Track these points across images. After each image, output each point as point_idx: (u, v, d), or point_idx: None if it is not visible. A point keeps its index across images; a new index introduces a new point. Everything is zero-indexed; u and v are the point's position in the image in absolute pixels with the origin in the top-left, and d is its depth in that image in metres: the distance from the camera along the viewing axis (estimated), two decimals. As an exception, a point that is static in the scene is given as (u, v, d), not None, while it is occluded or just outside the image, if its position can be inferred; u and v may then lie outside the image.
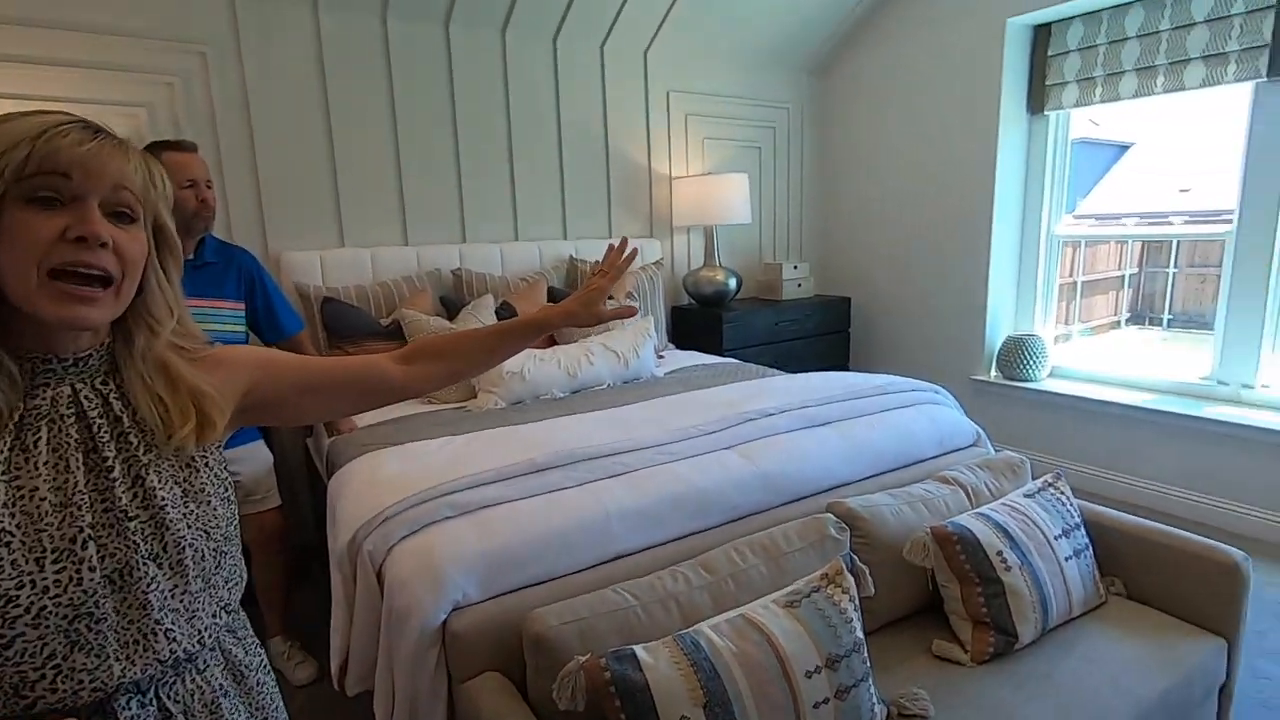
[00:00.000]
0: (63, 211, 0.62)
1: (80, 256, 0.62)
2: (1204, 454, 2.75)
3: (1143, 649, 1.42)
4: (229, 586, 0.75)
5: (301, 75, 2.59)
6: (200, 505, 0.71)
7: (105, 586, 0.65)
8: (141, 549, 0.66)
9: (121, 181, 0.64)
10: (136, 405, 0.69)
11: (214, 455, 0.75)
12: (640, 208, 3.52)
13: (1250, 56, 2.63)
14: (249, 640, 0.82)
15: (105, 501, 0.66)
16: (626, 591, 1.21)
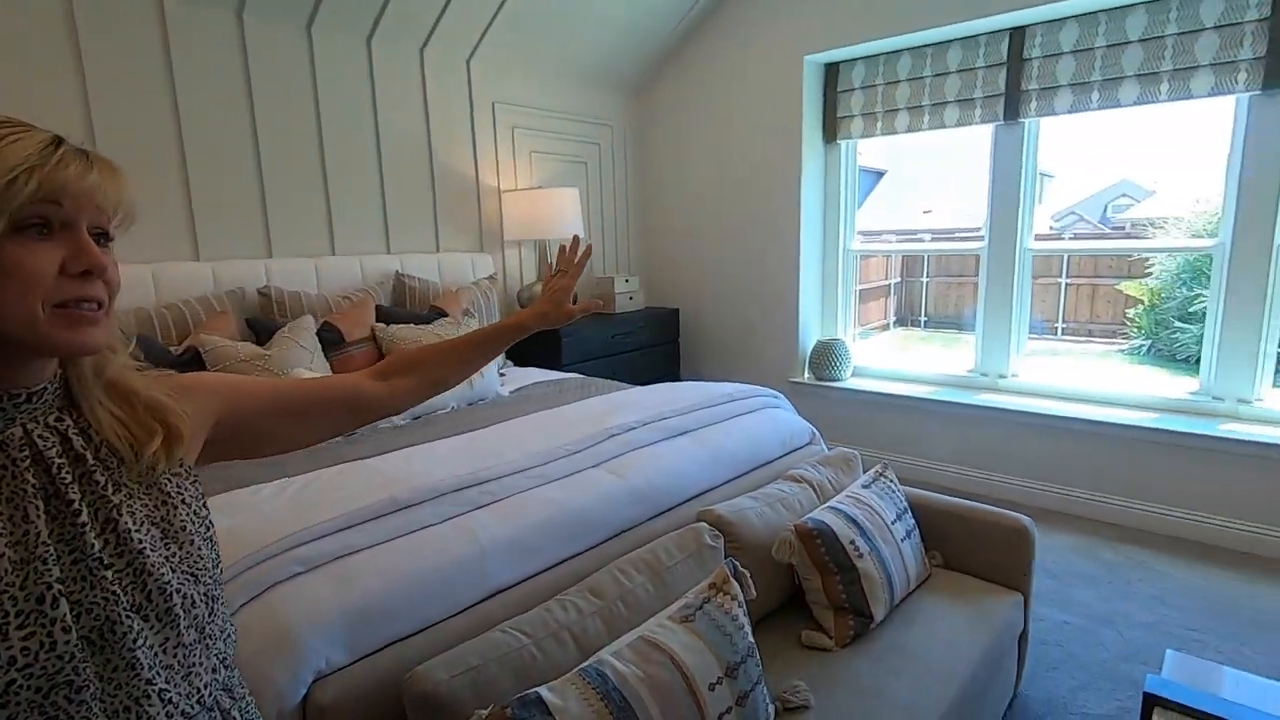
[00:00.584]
0: (55, 240, 0.57)
1: (85, 292, 0.59)
2: (977, 435, 3.24)
3: (966, 612, 1.62)
4: (225, 638, 0.69)
5: (42, 53, 2.14)
6: (183, 546, 0.64)
7: (84, 649, 0.57)
8: (122, 601, 0.59)
9: (105, 204, 0.60)
10: (100, 431, 0.63)
11: (190, 490, 0.68)
12: (469, 221, 3.38)
13: (990, 103, 3.17)
14: (246, 702, 0.73)
15: (74, 551, 0.59)
16: (515, 630, 1.14)
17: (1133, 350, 7.96)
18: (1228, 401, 2.78)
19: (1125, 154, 11.65)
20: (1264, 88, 2.54)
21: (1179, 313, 7.25)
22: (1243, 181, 2.66)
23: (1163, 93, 2.74)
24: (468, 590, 1.27)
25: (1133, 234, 9.45)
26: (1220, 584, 2.37)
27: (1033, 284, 3.34)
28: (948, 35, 3.17)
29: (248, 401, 0.77)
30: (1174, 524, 2.75)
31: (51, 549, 0.57)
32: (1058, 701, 1.82)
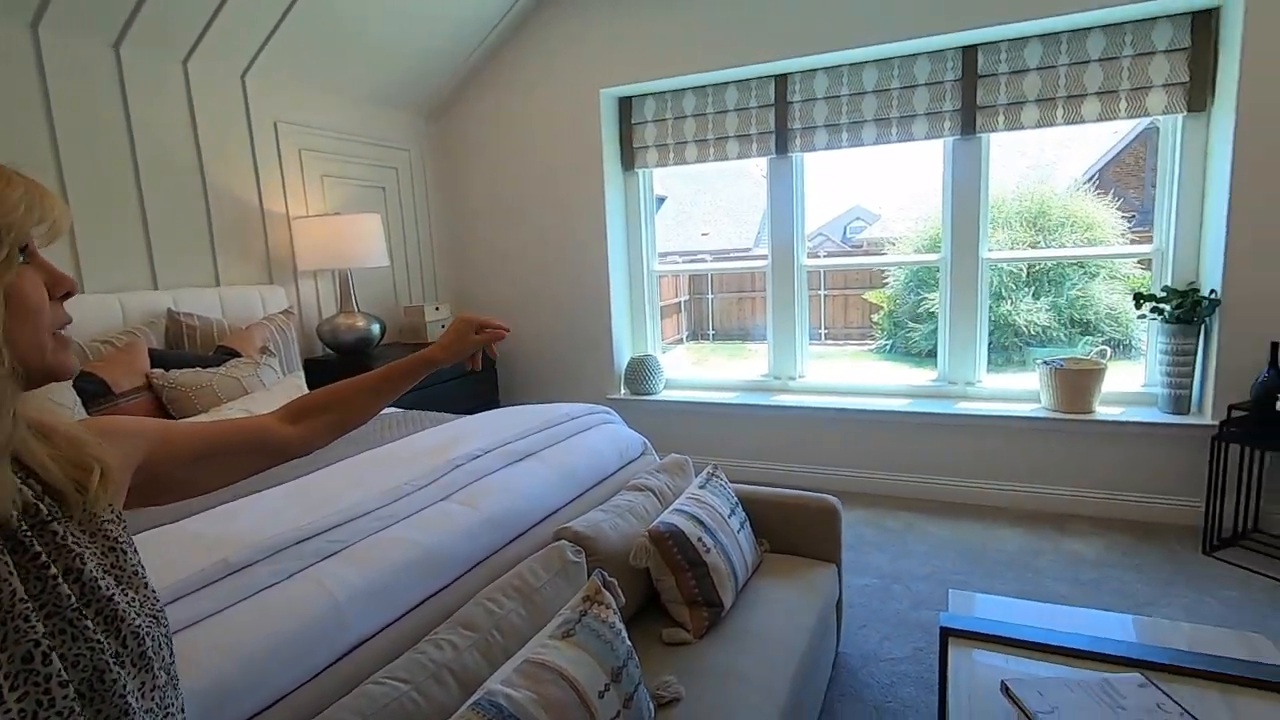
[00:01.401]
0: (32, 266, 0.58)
1: (66, 315, 0.61)
2: (775, 431, 3.62)
3: (797, 588, 1.83)
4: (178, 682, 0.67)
5: None
6: (138, 590, 0.64)
7: (79, 702, 0.55)
8: (106, 649, 0.58)
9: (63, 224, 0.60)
10: (46, 473, 0.59)
11: (126, 536, 0.66)
12: (254, 251, 3.06)
13: (764, 139, 3.59)
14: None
15: (48, 605, 0.56)
16: (390, 679, 1.07)
17: (879, 349, 9.36)
18: (959, 385, 3.43)
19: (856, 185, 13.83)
20: (962, 133, 3.19)
21: (910, 315, 8.66)
22: (954, 207, 3.32)
23: (894, 135, 3.32)
24: (327, 647, 1.16)
25: (870, 251, 11.20)
26: (972, 534, 2.90)
27: (808, 295, 3.84)
28: (725, 78, 3.55)
29: (172, 447, 0.76)
30: (934, 489, 3.31)
31: (29, 605, 0.54)
32: (870, 653, 2.11)
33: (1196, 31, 2.78)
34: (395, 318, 3.73)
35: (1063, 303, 7.51)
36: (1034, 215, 7.76)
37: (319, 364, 3.18)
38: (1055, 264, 7.39)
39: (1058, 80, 2.99)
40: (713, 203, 14.71)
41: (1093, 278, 7.53)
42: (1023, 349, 7.29)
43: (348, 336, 3.17)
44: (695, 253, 13.10)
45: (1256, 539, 2.71)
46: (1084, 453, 3.03)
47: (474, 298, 4.20)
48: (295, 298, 3.25)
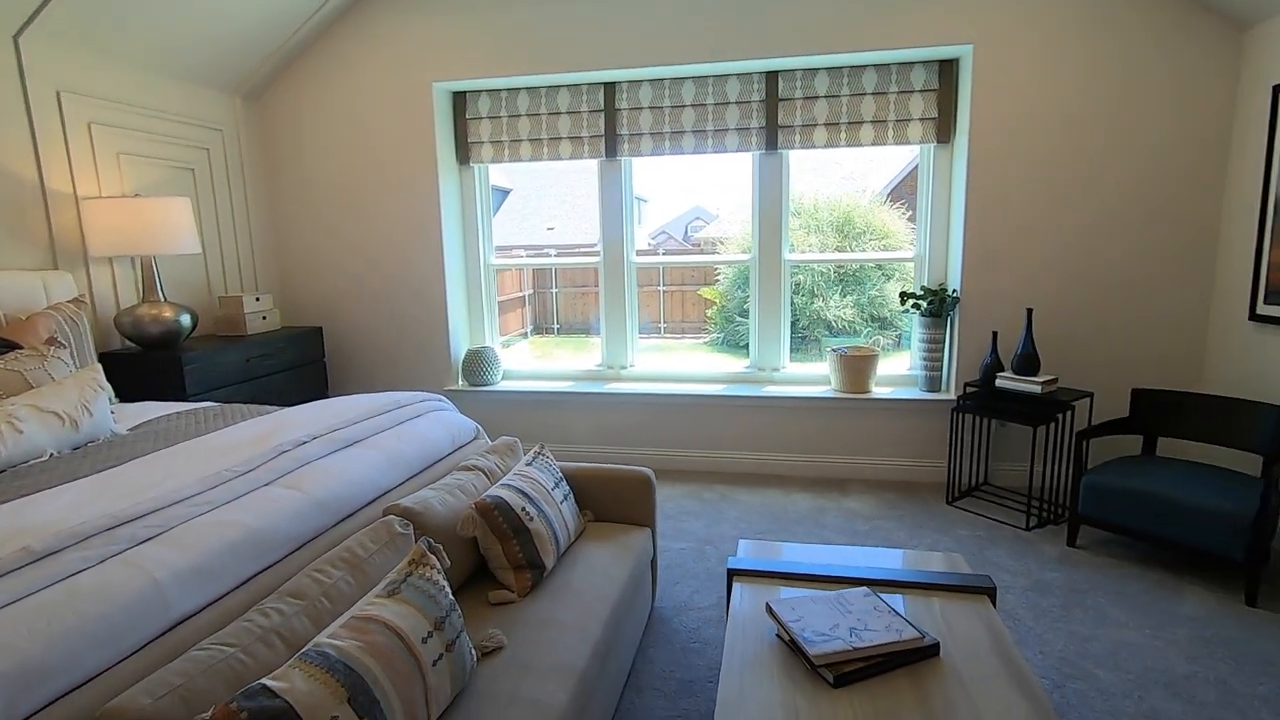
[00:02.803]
0: None
1: None
2: (609, 416, 3.87)
3: (613, 549, 2.05)
4: None
5: None
6: None
7: None
8: None
9: None
10: None
11: None
12: (35, 234, 2.77)
13: (595, 142, 3.81)
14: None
15: None
16: (217, 644, 1.14)
17: (711, 341, 10.04)
18: (766, 370, 3.88)
19: (696, 186, 14.65)
20: (766, 149, 3.61)
21: (738, 310, 9.39)
22: (761, 213, 3.75)
23: (709, 146, 3.68)
24: (145, 626, 1.19)
25: (705, 250, 11.95)
26: (773, 499, 3.32)
27: (639, 291, 4.12)
28: (558, 81, 3.72)
29: None
30: (743, 463, 3.73)
31: None
32: (681, 604, 2.40)
33: (943, 75, 3.38)
34: (210, 309, 3.51)
35: (864, 300, 8.55)
36: (841, 223, 8.75)
37: (119, 358, 2.93)
38: (859, 266, 8.37)
39: (841, 108, 3.50)
40: (557, 197, 14.85)
41: (889, 279, 8.63)
42: (821, 341, 8.19)
43: (153, 328, 2.96)
44: (540, 247, 13.16)
45: (985, 491, 3.38)
46: (861, 426, 3.58)
47: (299, 288, 4.04)
48: (87, 285, 2.97)
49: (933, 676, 1.37)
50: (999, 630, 1.53)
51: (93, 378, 2.17)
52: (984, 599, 1.66)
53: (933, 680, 1.36)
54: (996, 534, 2.91)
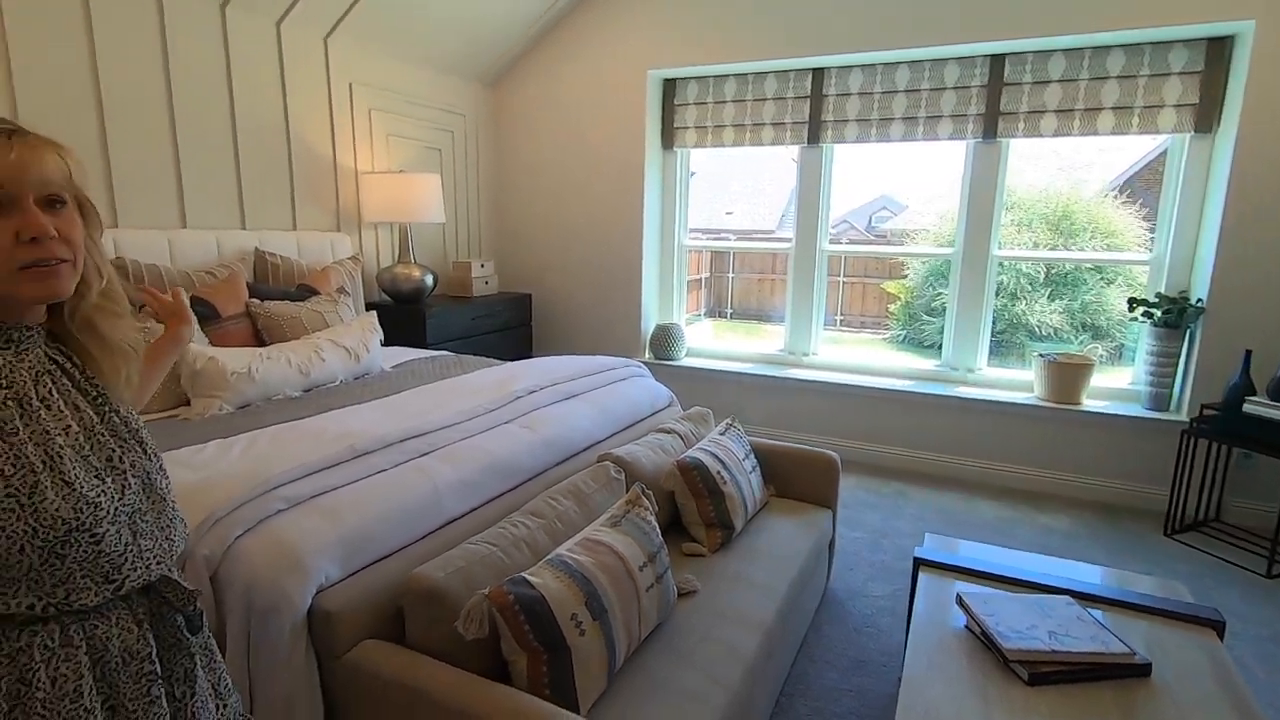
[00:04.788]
0: (6, 215, 0.71)
1: (39, 254, 0.73)
2: (787, 402, 3.92)
3: (796, 523, 2.14)
4: None
5: None
6: (146, 429, 0.88)
7: (141, 490, 0.82)
8: (146, 461, 0.84)
9: (45, 176, 0.73)
10: (82, 360, 0.83)
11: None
12: (326, 201, 3.37)
13: (798, 128, 3.83)
14: None
15: (111, 429, 0.82)
16: (483, 542, 1.40)
17: (892, 338, 9.58)
18: (960, 371, 3.70)
19: (885, 174, 13.92)
20: (984, 137, 3.42)
21: (925, 308, 8.87)
22: (970, 206, 3.56)
23: (920, 133, 3.56)
24: (427, 520, 1.49)
25: (893, 241, 11.36)
26: (955, 503, 3.20)
27: (826, 278, 4.10)
28: (765, 67, 3.78)
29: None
30: (924, 463, 3.61)
31: (102, 427, 0.81)
32: (854, 590, 2.43)
33: (1210, 57, 2.99)
34: (445, 271, 4.04)
35: (1076, 306, 7.70)
36: (1057, 218, 7.92)
37: (378, 307, 3.50)
38: (1074, 267, 7.55)
39: (1077, 93, 3.21)
40: (740, 183, 14.84)
41: (1110, 283, 7.70)
42: (1024, 345, 7.51)
43: (404, 285, 3.49)
44: (719, 231, 13.28)
45: (1216, 527, 3.00)
46: (1066, 439, 3.31)
47: (513, 257, 4.50)
48: (359, 246, 3.56)
49: (1142, 695, 1.32)
50: (1225, 664, 1.42)
51: (371, 322, 2.64)
52: (1210, 632, 1.54)
53: (1142, 699, 1.31)
54: (1227, 576, 2.60)
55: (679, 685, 1.35)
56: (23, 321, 0.77)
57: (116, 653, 0.79)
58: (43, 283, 0.74)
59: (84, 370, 0.82)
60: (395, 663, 1.20)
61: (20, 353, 0.77)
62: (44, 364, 0.78)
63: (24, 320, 0.78)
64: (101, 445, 0.79)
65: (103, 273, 0.83)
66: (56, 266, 0.74)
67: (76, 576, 0.74)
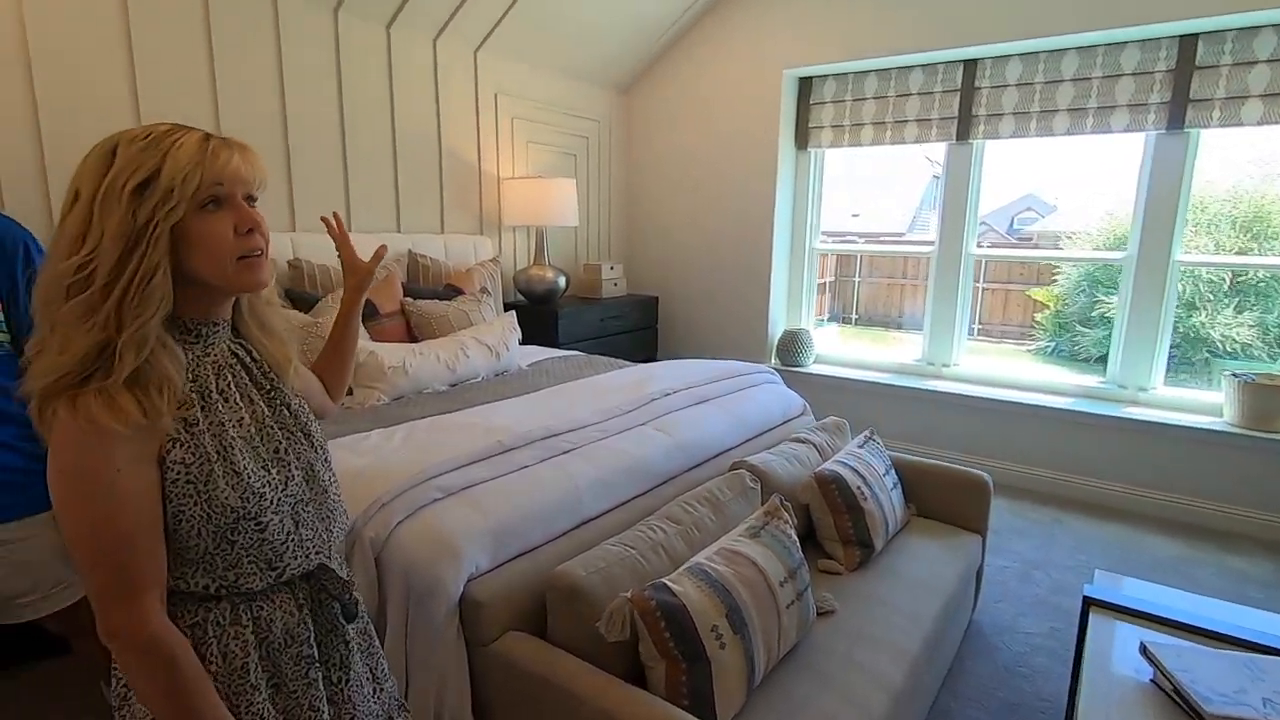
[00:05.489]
0: (224, 211, 0.78)
1: (252, 244, 0.80)
2: (925, 415, 3.69)
3: (941, 547, 2.00)
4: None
5: (97, 27, 2.21)
6: (314, 421, 0.94)
7: (303, 481, 0.87)
8: (310, 452, 0.90)
9: (253, 177, 0.81)
10: (259, 352, 0.90)
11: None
12: (471, 205, 3.56)
13: (945, 124, 3.60)
14: None
15: (280, 421, 0.88)
16: (622, 544, 1.41)
17: (1039, 350, 8.79)
18: (1130, 389, 3.32)
19: (1031, 173, 12.79)
20: (1168, 128, 3.05)
21: (1080, 317, 8.07)
22: (1148, 204, 3.19)
23: (1088, 126, 3.23)
24: (567, 517, 1.52)
25: (1040, 245, 10.42)
26: (1122, 536, 2.87)
27: (973, 284, 3.82)
28: (910, 61, 3.58)
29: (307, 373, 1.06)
30: (1084, 489, 3.27)
31: (272, 420, 0.87)
32: (1003, 625, 2.24)
33: None
34: (576, 273, 4.15)
35: (1272, 319, 6.71)
36: (1249, 220, 6.94)
37: (513, 307, 3.65)
38: (1270, 274, 6.59)
39: (1291, 75, 2.79)
40: (868, 184, 14.21)
41: (1314, 294, 6.65)
42: (1209, 362, 6.63)
43: (538, 286, 3.61)
44: (843, 233, 12.79)
45: None
46: (1263, 471, 2.88)
47: (641, 259, 4.55)
48: (498, 248, 3.73)
49: (1390, 786, 1.10)
50: None
51: (510, 321, 2.75)
52: None
53: (1390, 790, 1.09)
54: None
55: (819, 708, 1.29)
56: (210, 318, 0.83)
57: (279, 634, 0.84)
58: (253, 273, 0.80)
59: (260, 363, 0.89)
60: (539, 657, 1.23)
61: (207, 347, 0.83)
62: (226, 358, 0.84)
63: (212, 316, 0.83)
64: (270, 437, 0.85)
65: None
66: (260, 258, 0.81)
67: (244, 562, 0.79)
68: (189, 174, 0.72)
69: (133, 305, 0.71)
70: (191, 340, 0.81)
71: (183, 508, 0.75)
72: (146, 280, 0.71)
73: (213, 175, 0.74)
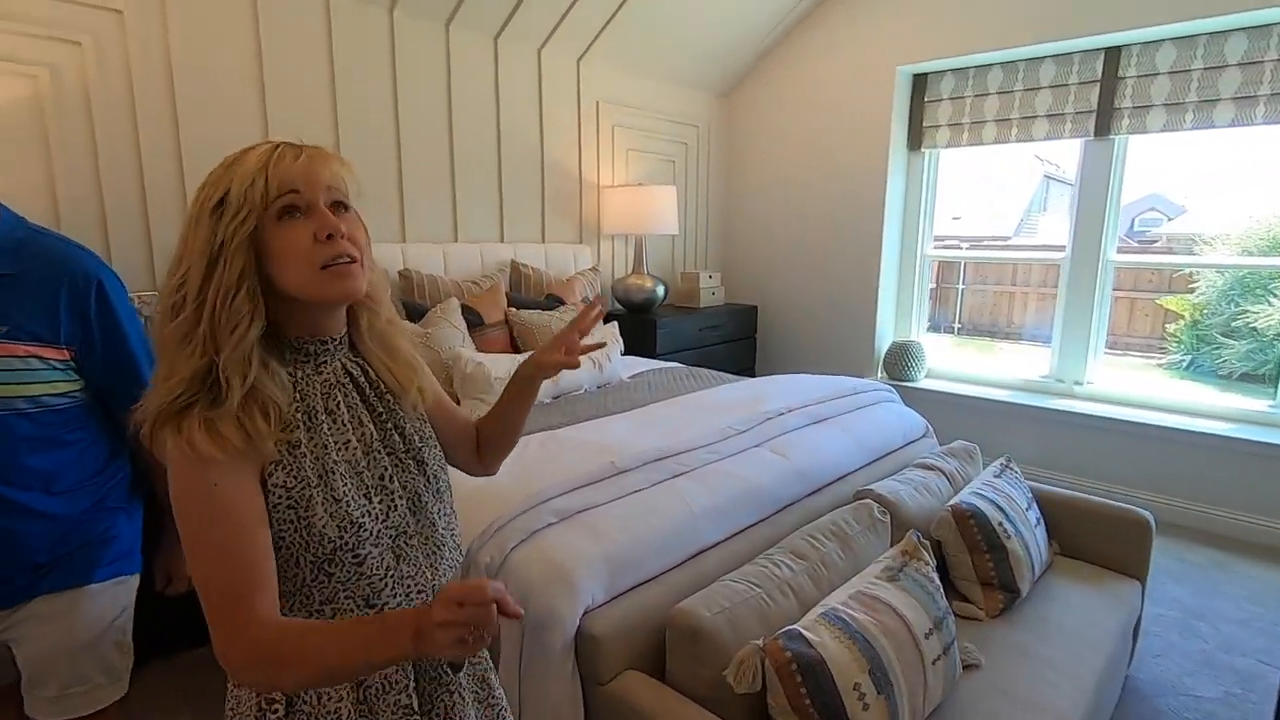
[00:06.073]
0: (303, 219, 0.74)
1: (334, 250, 0.74)
2: (1054, 438, 3.37)
3: (1096, 593, 1.77)
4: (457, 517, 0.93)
5: (231, 46, 2.32)
6: (433, 449, 0.88)
7: (409, 513, 0.82)
8: (419, 481, 0.84)
9: (331, 181, 0.76)
10: (377, 372, 0.85)
11: (426, 423, 0.91)
12: (571, 214, 3.55)
13: (1081, 119, 3.28)
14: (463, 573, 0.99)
15: (389, 447, 0.83)
16: (745, 581, 1.30)
17: (1173, 364, 7.98)
18: (1308, 415, 2.90)
19: (1155, 169, 11.67)
20: (1363, 116, 2.64)
21: (1223, 328, 7.28)
22: (1335, 204, 2.77)
23: (1259, 115, 2.85)
24: (684, 546, 1.43)
25: (1175, 249, 9.49)
26: (1302, 586, 2.50)
27: (1111, 294, 3.46)
28: (1041, 52, 3.29)
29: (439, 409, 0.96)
30: (1249, 528, 2.87)
31: (380, 445, 0.82)
32: (1166, 684, 1.96)
33: None
34: (673, 282, 4.08)
35: None
36: None
37: (611, 317, 3.60)
38: None
39: None
40: (969, 185, 13.41)
41: None
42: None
43: (637, 295, 3.55)
44: (943, 238, 12.15)
45: None
46: None
47: (741, 267, 4.41)
48: (597, 257, 3.70)
49: None
50: None
51: (613, 332, 2.70)
52: None
53: None
54: None
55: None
56: (317, 334, 0.79)
57: (377, 680, 0.79)
58: (341, 282, 0.75)
59: (376, 383, 0.84)
60: (661, 704, 1.14)
61: (319, 366, 0.79)
62: (339, 375, 0.81)
63: (320, 333, 0.79)
64: (375, 463, 0.80)
65: (386, 290, 0.87)
66: (349, 265, 0.75)
67: (340, 597, 0.75)
68: (253, 182, 0.71)
69: (221, 324, 0.70)
70: (302, 359, 0.79)
71: (282, 533, 0.73)
72: (230, 298, 0.70)
73: (279, 181, 0.72)
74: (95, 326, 1.10)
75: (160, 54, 2.17)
